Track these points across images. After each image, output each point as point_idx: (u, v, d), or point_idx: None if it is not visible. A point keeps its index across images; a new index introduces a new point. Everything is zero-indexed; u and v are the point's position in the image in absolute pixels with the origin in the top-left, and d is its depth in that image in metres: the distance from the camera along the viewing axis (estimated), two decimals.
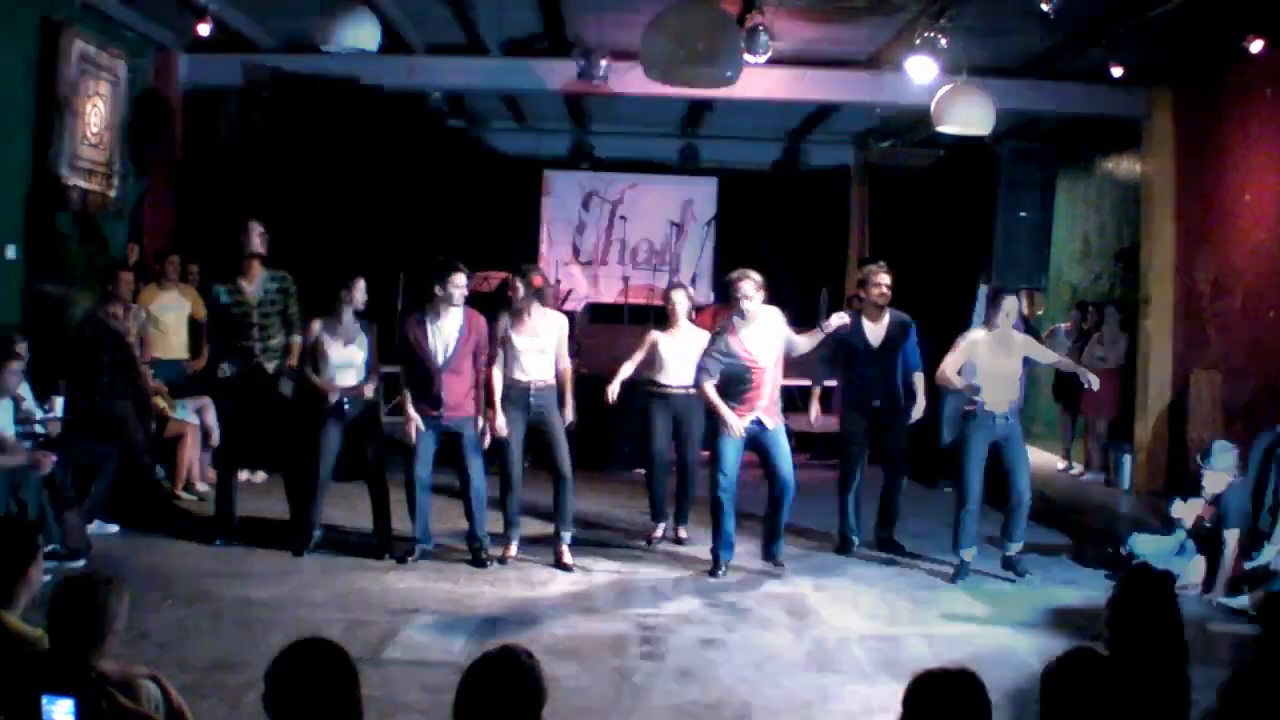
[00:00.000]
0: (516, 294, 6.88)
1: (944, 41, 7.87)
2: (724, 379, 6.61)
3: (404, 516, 6.92)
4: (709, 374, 6.61)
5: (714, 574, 6.74)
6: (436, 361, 6.66)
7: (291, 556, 6.79)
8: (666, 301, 7.58)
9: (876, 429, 7.39)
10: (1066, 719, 2.73)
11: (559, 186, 13.48)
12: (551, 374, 6.84)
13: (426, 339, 6.67)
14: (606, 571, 6.81)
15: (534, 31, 9.17)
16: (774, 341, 6.63)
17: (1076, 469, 10.75)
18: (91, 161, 8.69)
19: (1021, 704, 4.43)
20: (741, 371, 6.56)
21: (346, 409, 6.81)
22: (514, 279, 7.10)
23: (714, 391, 6.58)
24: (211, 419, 8.25)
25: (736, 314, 6.61)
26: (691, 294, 7.77)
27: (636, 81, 8.64)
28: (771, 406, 6.64)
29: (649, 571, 6.88)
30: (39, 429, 7.02)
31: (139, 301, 8.02)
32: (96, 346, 7.28)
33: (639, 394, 7.58)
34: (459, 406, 6.71)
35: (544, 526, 7.16)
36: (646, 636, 5.64)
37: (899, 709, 2.58)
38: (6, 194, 7.75)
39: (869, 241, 13.58)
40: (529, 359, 6.75)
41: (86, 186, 8.67)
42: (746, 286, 6.55)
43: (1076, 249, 12.07)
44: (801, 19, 8.46)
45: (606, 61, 9.29)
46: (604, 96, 9.73)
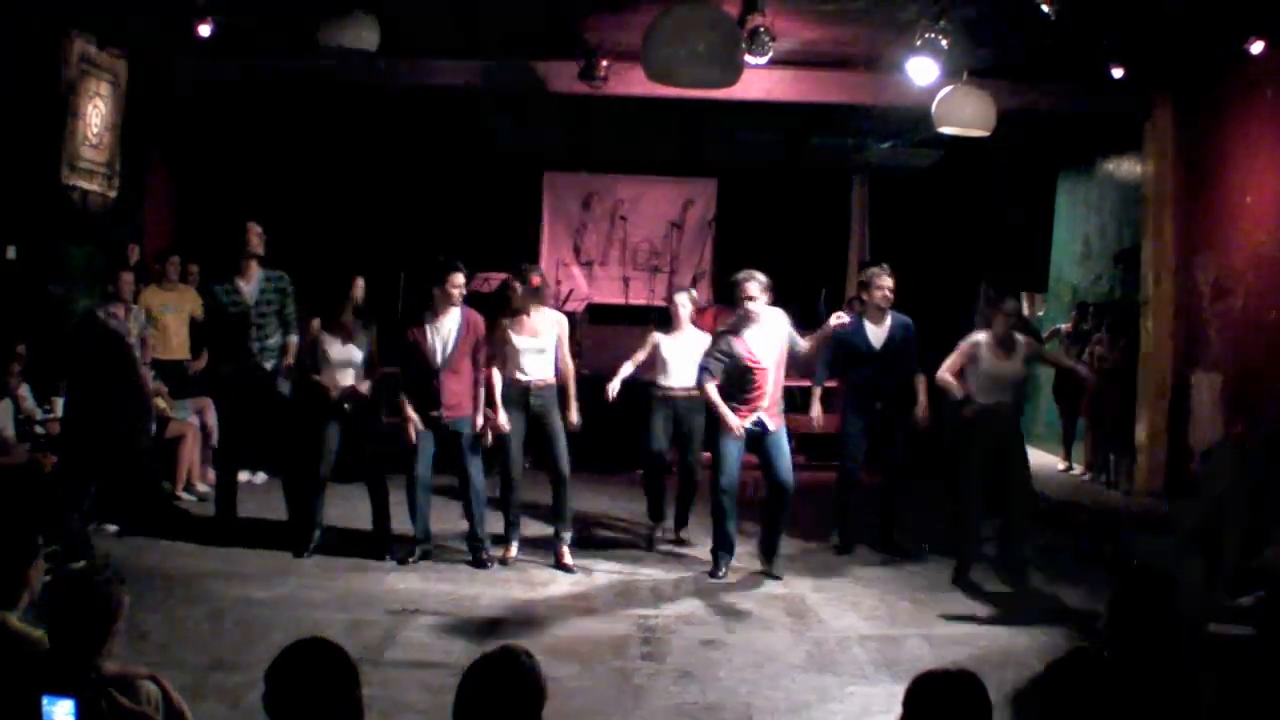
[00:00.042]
0: (515, 294, 6.88)
1: (945, 42, 7.87)
2: (726, 380, 6.60)
3: (405, 518, 6.93)
4: (711, 374, 6.60)
5: (714, 574, 6.74)
6: (435, 361, 6.66)
7: (292, 557, 6.80)
8: (670, 304, 7.58)
9: (875, 430, 7.38)
10: (1068, 719, 2.73)
11: (559, 187, 13.46)
12: (551, 373, 6.84)
13: (425, 339, 6.67)
14: (607, 572, 6.81)
15: (535, 32, 9.16)
16: (777, 343, 6.61)
17: (1077, 469, 10.76)
18: (92, 162, 8.69)
19: (1023, 705, 4.43)
20: (743, 372, 6.55)
21: (346, 408, 6.82)
22: (513, 279, 7.10)
23: (715, 392, 6.57)
24: (212, 419, 8.26)
25: (741, 314, 6.60)
26: (695, 297, 7.76)
27: (637, 83, 8.63)
28: (774, 408, 6.63)
29: (649, 572, 6.87)
30: (39, 429, 7.03)
31: (140, 302, 8.02)
32: (95, 347, 7.28)
33: (640, 395, 7.58)
34: (458, 406, 6.71)
35: (544, 527, 7.16)
36: (647, 637, 5.64)
37: (899, 710, 2.57)
38: (7, 194, 7.74)
39: (869, 242, 13.59)
40: (529, 358, 6.75)
41: (87, 187, 8.67)
42: (752, 287, 6.54)
43: (1077, 250, 12.07)
44: (802, 20, 8.45)
45: (607, 62, 9.30)
46: (605, 97, 9.71)
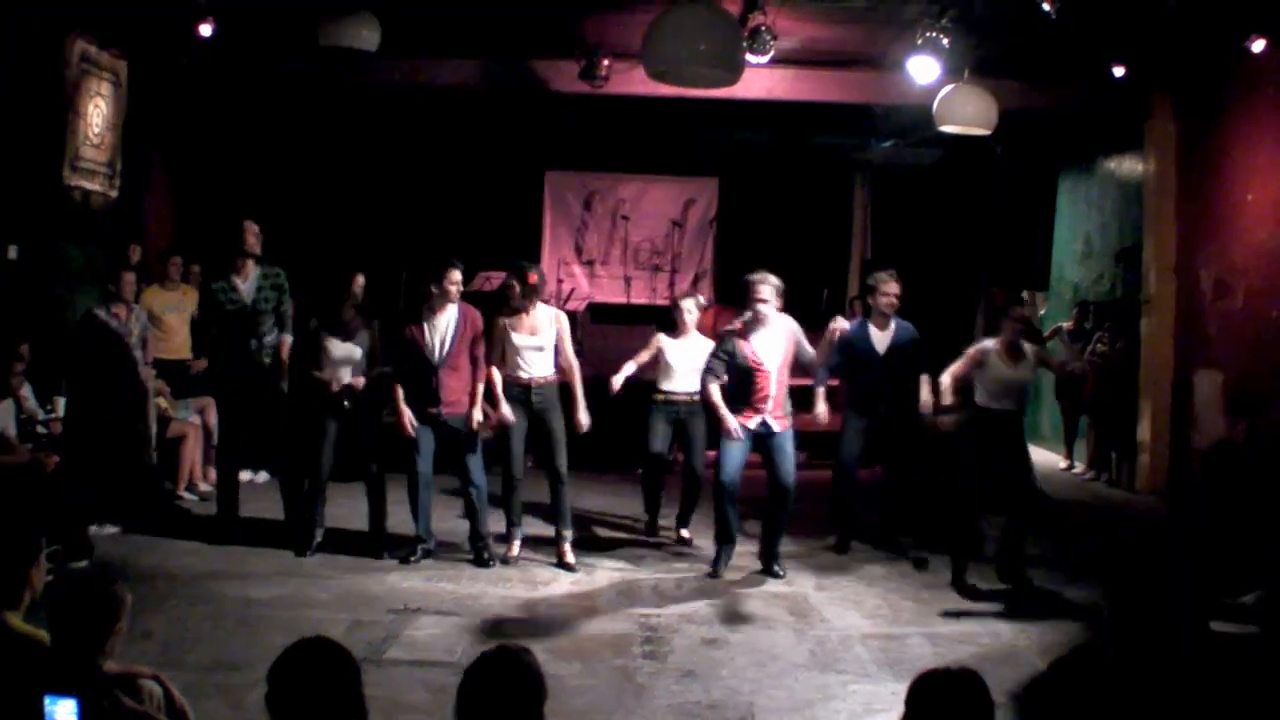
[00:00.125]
0: (514, 293, 6.87)
1: (946, 41, 7.87)
2: (731, 382, 6.60)
3: (406, 517, 6.93)
4: (714, 375, 6.60)
5: (715, 566, 6.74)
6: (433, 358, 6.66)
7: (293, 556, 6.80)
8: (675, 309, 7.56)
9: (875, 432, 7.35)
10: (1070, 718, 2.72)
11: (561, 186, 13.47)
12: (551, 370, 6.84)
13: (423, 336, 6.67)
14: (609, 571, 6.81)
15: (535, 32, 9.16)
16: (782, 347, 6.59)
17: (1079, 468, 10.75)
18: (93, 162, 8.70)
19: (1025, 703, 4.42)
20: (746, 375, 6.55)
21: (345, 405, 6.83)
22: (511, 278, 7.09)
23: (717, 394, 6.57)
24: (213, 419, 8.25)
25: (750, 316, 6.58)
26: (701, 303, 7.74)
27: (638, 82, 8.63)
28: (778, 410, 6.62)
29: (652, 571, 6.87)
30: (42, 429, 7.03)
31: (141, 302, 8.02)
32: (94, 347, 7.28)
33: (641, 395, 7.57)
34: (457, 403, 6.71)
35: (546, 526, 7.16)
36: (649, 636, 5.64)
37: (902, 708, 2.57)
38: (8, 194, 7.75)
39: (871, 241, 13.58)
40: (529, 356, 6.75)
41: (88, 187, 8.68)
42: (764, 290, 6.52)
43: (1078, 249, 12.06)
44: (803, 19, 8.45)
45: (608, 62, 9.29)
46: (605, 97, 9.72)
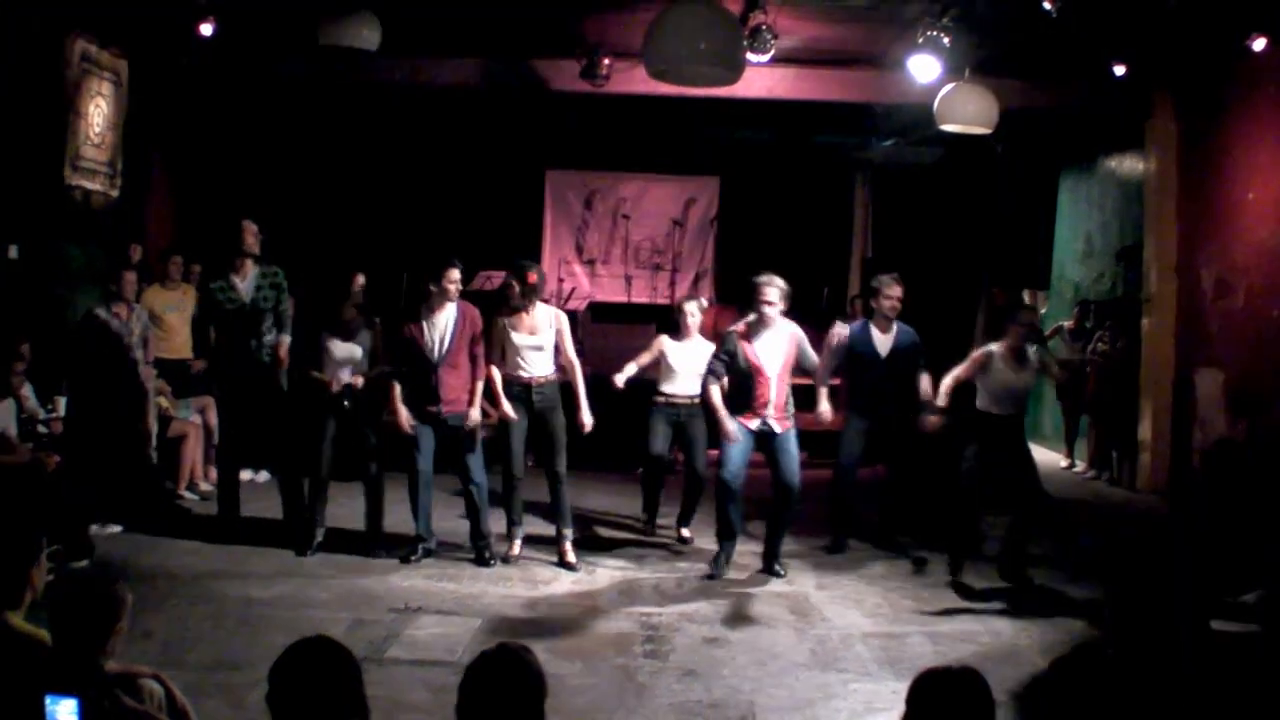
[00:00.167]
0: (514, 293, 6.87)
1: (946, 40, 7.87)
2: (732, 385, 6.61)
3: (407, 516, 6.93)
4: (715, 377, 6.61)
5: (715, 563, 6.73)
6: (433, 357, 6.66)
7: (294, 556, 6.80)
8: (678, 312, 7.56)
9: (876, 433, 7.35)
10: (1072, 717, 2.72)
11: (561, 185, 13.47)
12: (552, 369, 6.84)
13: (422, 335, 6.67)
14: (610, 570, 6.81)
15: (536, 31, 9.16)
16: (783, 351, 6.59)
17: (1080, 467, 10.75)
18: (94, 161, 8.70)
19: (1026, 702, 4.43)
20: (746, 377, 6.55)
21: (345, 404, 6.83)
22: (511, 278, 7.08)
23: (718, 396, 6.58)
24: (214, 418, 8.26)
25: (754, 318, 6.58)
26: (704, 306, 7.73)
27: (639, 81, 8.63)
28: (780, 412, 6.62)
29: (653, 570, 6.87)
30: (43, 429, 7.04)
31: (142, 301, 8.03)
32: (94, 347, 7.29)
33: (642, 395, 7.56)
34: (456, 401, 6.71)
35: (547, 525, 7.15)
36: (650, 635, 5.64)
37: (903, 707, 2.57)
38: (9, 194, 7.75)
39: (871, 240, 13.58)
40: (528, 356, 6.75)
41: (89, 186, 8.68)
42: (771, 292, 6.52)
43: (1079, 248, 12.06)
44: (804, 18, 8.45)
45: (609, 61, 9.29)
46: (606, 96, 9.71)
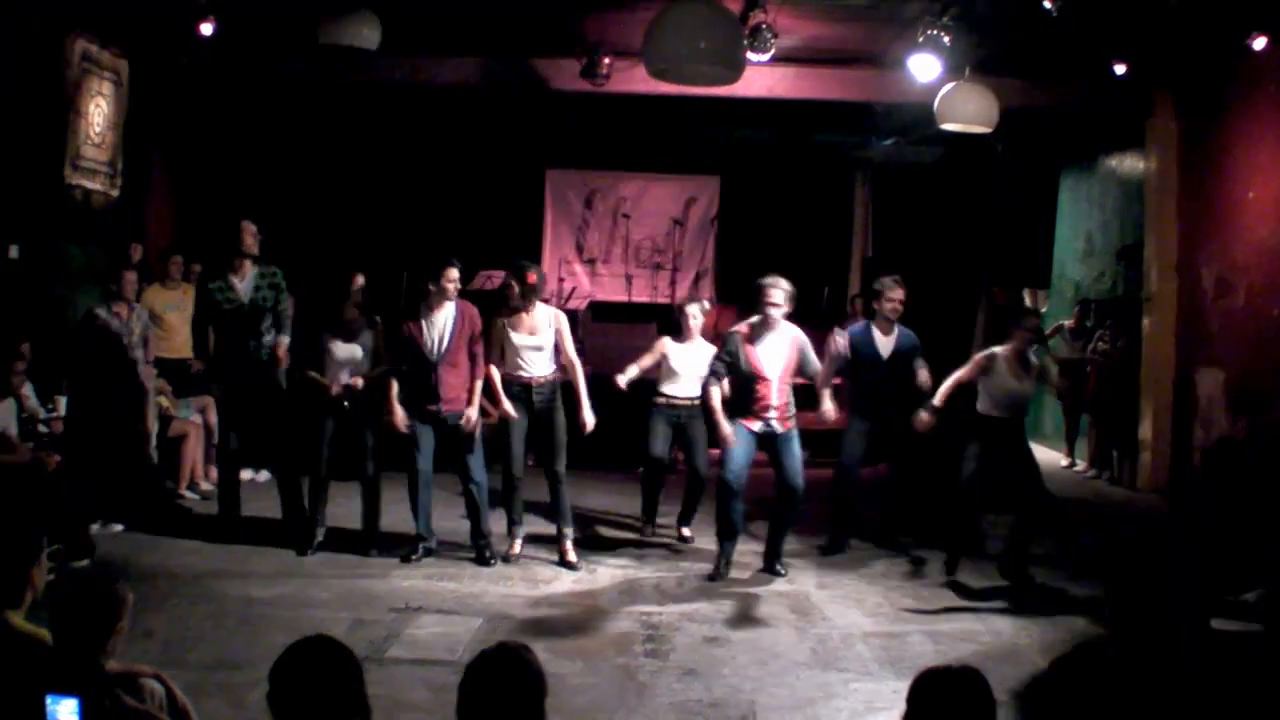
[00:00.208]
0: (513, 293, 6.86)
1: (947, 39, 7.86)
2: (733, 387, 6.61)
3: (406, 516, 6.93)
4: (716, 378, 6.62)
5: (717, 564, 6.73)
6: (432, 355, 6.66)
7: (295, 555, 6.80)
8: (681, 314, 7.56)
9: (877, 434, 7.34)
10: (1073, 716, 2.72)
11: (562, 185, 13.47)
12: (552, 369, 6.84)
13: (421, 333, 6.67)
14: (611, 570, 6.81)
15: (536, 30, 9.16)
16: (785, 355, 6.58)
17: (1080, 466, 10.75)
18: (94, 161, 8.70)
19: (1026, 701, 4.43)
20: (747, 380, 6.54)
21: (345, 405, 6.83)
22: (510, 278, 7.08)
23: (717, 398, 6.58)
24: (215, 418, 8.26)
25: (759, 320, 6.58)
26: (706, 308, 7.74)
27: (639, 80, 8.63)
28: (782, 412, 6.62)
29: (653, 570, 6.87)
30: (43, 428, 7.04)
31: (143, 301, 8.03)
32: (94, 347, 7.29)
33: (643, 395, 7.56)
34: (456, 400, 6.71)
35: (548, 525, 7.16)
36: (651, 634, 5.64)
37: (903, 706, 2.57)
38: (9, 193, 7.75)
39: (872, 239, 13.57)
40: (528, 356, 6.75)
41: (89, 186, 8.68)
42: (776, 295, 6.52)
43: (1079, 247, 12.06)
44: (804, 17, 8.45)
45: (609, 60, 9.28)
46: (606, 95, 9.71)
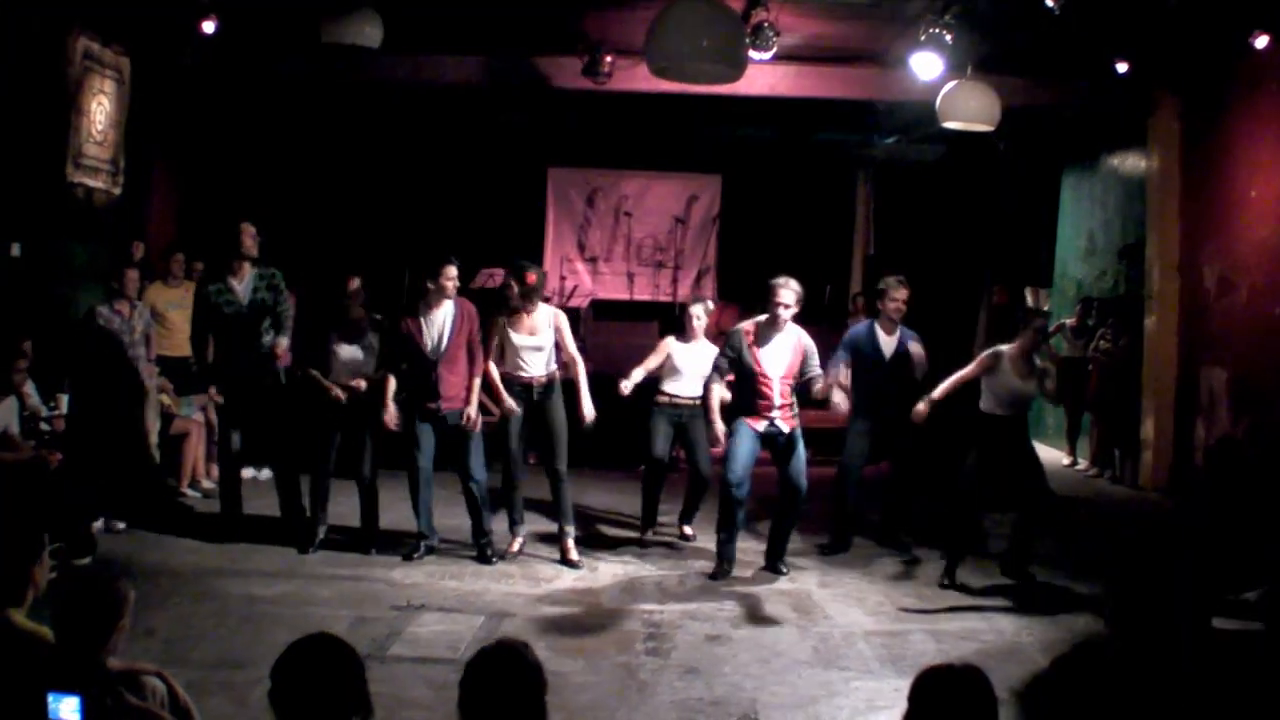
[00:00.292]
0: (513, 293, 6.86)
1: (949, 37, 7.86)
2: (736, 387, 6.61)
3: (405, 515, 6.94)
4: (719, 375, 6.62)
5: (718, 567, 6.73)
6: (431, 354, 6.66)
7: (296, 554, 6.80)
8: (684, 314, 7.56)
9: (878, 434, 7.34)
10: (1074, 715, 2.72)
11: (564, 183, 13.47)
12: (552, 368, 6.85)
13: (420, 332, 6.68)
14: (612, 568, 6.82)
15: (538, 28, 9.15)
16: (788, 357, 6.58)
17: (1082, 465, 10.74)
18: (96, 159, 8.70)
19: (1028, 700, 4.42)
20: (749, 380, 6.55)
21: (343, 403, 6.83)
22: (510, 278, 7.08)
23: (717, 398, 6.58)
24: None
25: (766, 319, 6.57)
26: (710, 309, 7.75)
27: (641, 78, 8.63)
28: (786, 411, 6.62)
29: (655, 568, 6.88)
30: (45, 426, 7.04)
31: (145, 299, 8.03)
32: (94, 345, 7.29)
33: (644, 394, 7.56)
34: (456, 398, 6.71)
35: (549, 523, 7.17)
36: (652, 633, 5.64)
37: (905, 705, 2.57)
38: (11, 192, 7.75)
39: (874, 237, 13.58)
40: (528, 356, 6.76)
41: (91, 184, 8.68)
42: (786, 295, 6.51)
43: (1081, 245, 12.05)
44: (806, 15, 8.44)
45: (611, 58, 9.28)
46: (608, 94, 9.71)
